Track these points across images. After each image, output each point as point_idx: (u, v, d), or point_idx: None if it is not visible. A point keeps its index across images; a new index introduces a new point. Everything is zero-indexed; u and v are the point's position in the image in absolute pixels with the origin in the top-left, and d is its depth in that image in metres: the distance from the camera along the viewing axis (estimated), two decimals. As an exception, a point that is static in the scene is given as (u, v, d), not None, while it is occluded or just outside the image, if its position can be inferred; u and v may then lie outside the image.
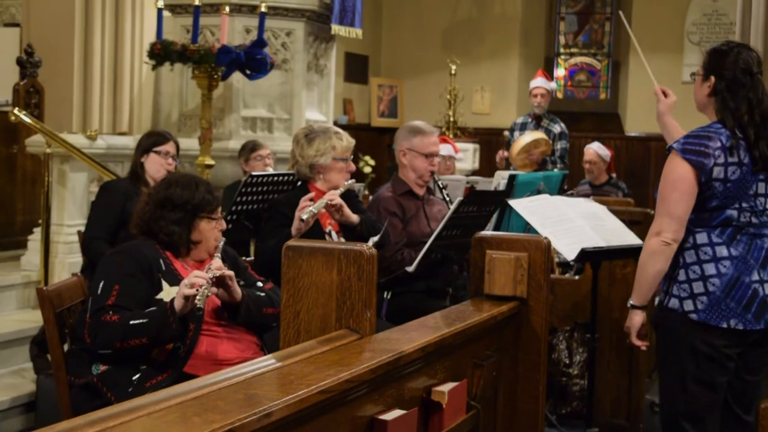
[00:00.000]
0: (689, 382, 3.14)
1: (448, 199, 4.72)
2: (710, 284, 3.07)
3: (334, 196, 3.86)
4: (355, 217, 3.93)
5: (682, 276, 3.13)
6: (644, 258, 3.18)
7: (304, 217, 3.73)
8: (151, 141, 4.68)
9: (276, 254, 2.49)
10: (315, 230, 3.86)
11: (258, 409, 1.68)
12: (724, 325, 3.07)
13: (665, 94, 3.56)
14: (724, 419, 3.23)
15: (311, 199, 3.85)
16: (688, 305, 3.10)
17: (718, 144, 3.05)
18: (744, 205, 3.09)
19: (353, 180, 4.14)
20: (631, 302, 3.28)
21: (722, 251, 3.08)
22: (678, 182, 3.09)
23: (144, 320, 3.00)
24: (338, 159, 4.06)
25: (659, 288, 3.25)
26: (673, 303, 3.14)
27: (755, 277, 3.08)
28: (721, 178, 3.05)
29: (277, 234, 3.81)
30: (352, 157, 4.16)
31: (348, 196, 4.06)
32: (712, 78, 3.16)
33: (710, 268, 3.08)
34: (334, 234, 4.01)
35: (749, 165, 3.07)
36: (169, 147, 4.66)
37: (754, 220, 3.11)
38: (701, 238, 3.11)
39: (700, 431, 3.16)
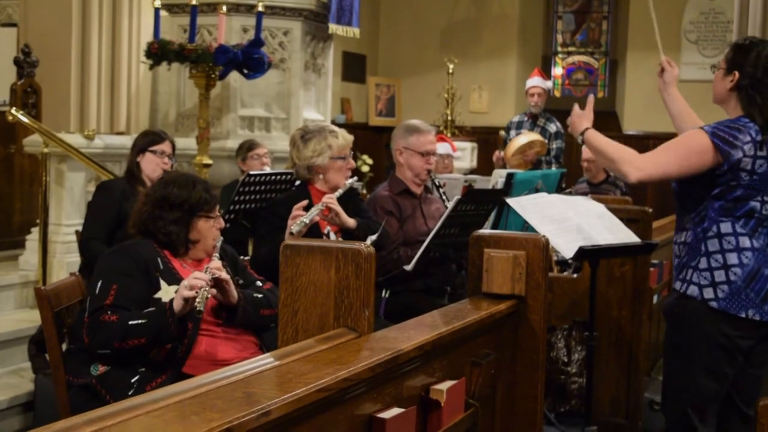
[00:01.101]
0: (697, 371, 3.17)
1: (444, 198, 4.72)
2: (732, 273, 3.11)
3: (331, 200, 3.84)
4: (351, 222, 3.91)
5: (703, 264, 3.15)
6: (616, 161, 3.22)
7: (294, 230, 3.71)
8: (147, 140, 4.67)
9: (270, 260, 2.49)
10: (313, 232, 3.85)
11: (256, 407, 1.68)
12: (743, 315, 3.10)
13: (671, 65, 3.60)
14: (726, 412, 3.25)
15: (305, 208, 3.82)
16: (708, 293, 3.13)
17: (748, 138, 3.09)
18: (766, 198, 3.13)
19: (354, 178, 4.12)
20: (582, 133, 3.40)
21: (745, 242, 3.12)
22: (692, 151, 3.10)
23: (143, 321, 2.99)
24: (336, 158, 4.04)
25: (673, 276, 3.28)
26: (692, 290, 3.16)
27: None
28: (748, 170, 3.09)
29: (271, 239, 3.80)
30: (351, 153, 4.15)
31: (349, 195, 4.05)
32: (736, 73, 3.18)
33: (733, 258, 3.12)
34: (332, 235, 3.99)
35: None
36: (165, 146, 4.66)
37: None
38: (725, 227, 3.14)
39: (703, 422, 3.18)
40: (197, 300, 2.96)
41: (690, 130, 3.23)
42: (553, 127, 7.75)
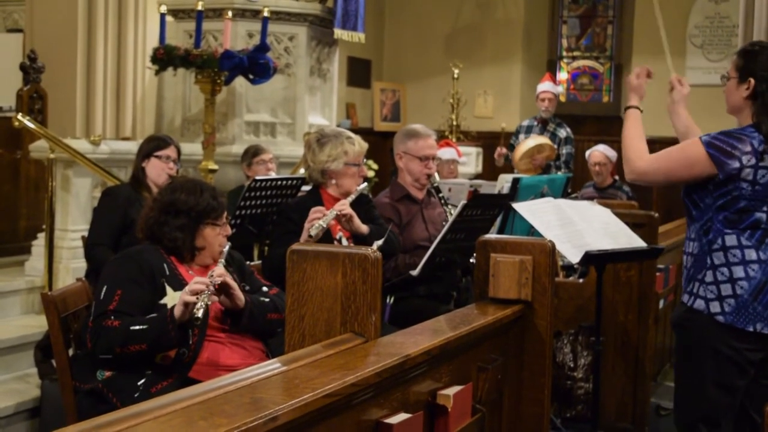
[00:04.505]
0: (709, 385, 3.13)
1: (443, 202, 4.72)
2: (738, 287, 3.06)
3: (344, 206, 3.84)
4: (364, 228, 3.91)
5: (709, 277, 3.11)
6: (630, 148, 3.29)
7: (313, 233, 3.70)
8: (152, 146, 4.68)
9: (283, 263, 2.48)
10: (325, 237, 3.84)
11: (264, 413, 1.68)
12: (750, 329, 3.06)
13: (681, 84, 3.56)
14: (739, 423, 3.21)
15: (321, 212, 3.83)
16: (715, 307, 3.09)
17: (749, 148, 3.04)
18: None
19: (365, 184, 4.11)
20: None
21: (751, 254, 3.07)
22: (682, 163, 3.11)
23: (144, 326, 2.99)
24: (350, 164, 4.04)
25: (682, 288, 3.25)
26: (699, 304, 3.12)
27: None
28: (750, 180, 3.04)
29: (285, 242, 3.79)
30: (365, 161, 4.14)
31: (361, 201, 4.04)
32: (751, 80, 3.11)
33: (739, 271, 3.07)
34: (344, 241, 3.98)
35: None
36: (170, 151, 4.66)
37: None
38: (730, 240, 3.09)
39: None
40: (197, 306, 2.95)
41: (688, 140, 3.20)
42: (563, 133, 7.74)
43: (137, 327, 2.99)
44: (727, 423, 3.17)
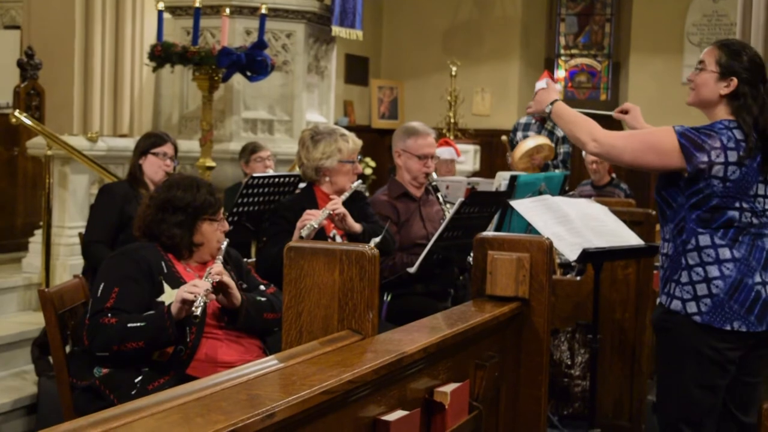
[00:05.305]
0: (690, 386, 3.12)
1: (441, 200, 4.72)
2: (714, 286, 3.05)
3: (336, 206, 3.84)
4: (357, 227, 3.91)
5: (684, 278, 3.10)
6: (579, 130, 3.23)
7: (304, 234, 3.70)
8: (149, 143, 4.67)
9: (277, 263, 2.49)
10: (319, 236, 3.84)
11: (261, 409, 1.68)
12: (728, 328, 3.04)
13: (626, 111, 3.58)
14: (722, 421, 3.21)
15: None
16: (692, 307, 3.08)
17: (718, 144, 3.02)
18: (744, 205, 3.06)
19: (359, 181, 4.11)
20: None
21: (725, 253, 3.06)
22: (654, 149, 3.09)
23: (141, 324, 2.99)
24: (344, 161, 4.04)
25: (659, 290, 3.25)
26: (676, 305, 3.11)
27: (758, 279, 3.06)
28: (720, 177, 3.02)
29: (279, 241, 3.79)
30: (359, 158, 4.14)
31: (356, 199, 4.04)
32: (735, 80, 3.09)
33: (713, 270, 3.05)
34: (338, 239, 3.98)
35: (756, 167, 3.05)
36: (167, 148, 4.65)
37: (754, 220, 3.08)
38: (704, 240, 3.07)
39: None
40: (195, 305, 2.95)
41: (664, 127, 3.15)
42: (560, 131, 7.73)
43: (134, 324, 2.98)
44: (711, 422, 3.17)
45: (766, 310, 3.06)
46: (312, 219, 3.75)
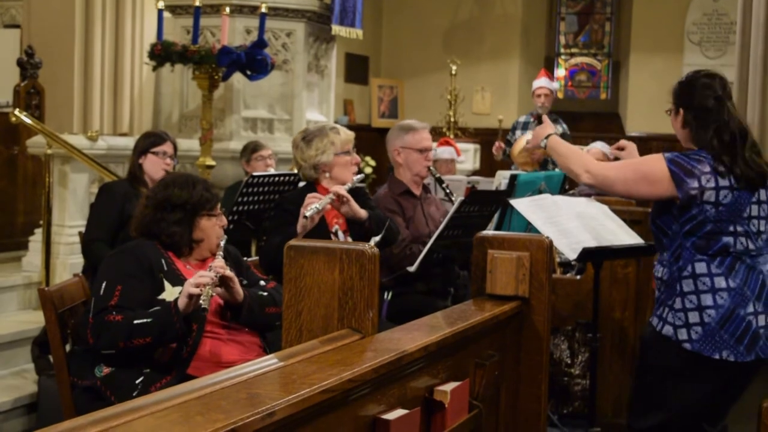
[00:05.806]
0: (670, 404, 3.15)
1: (448, 191, 4.72)
2: (706, 315, 3.06)
3: (340, 189, 3.84)
4: (363, 212, 3.90)
5: (678, 304, 3.12)
6: (572, 163, 3.30)
7: (308, 214, 3.71)
8: (149, 142, 4.67)
9: (280, 252, 2.49)
10: (321, 230, 3.84)
11: (261, 408, 1.68)
12: (717, 357, 3.06)
13: (622, 148, 3.60)
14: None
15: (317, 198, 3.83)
16: (682, 334, 3.09)
17: (707, 168, 3.06)
18: (739, 228, 3.07)
19: (361, 175, 4.11)
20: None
21: (721, 282, 3.07)
22: (645, 178, 3.13)
23: (148, 320, 3.00)
24: (340, 153, 4.04)
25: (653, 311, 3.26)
26: (667, 330, 3.13)
27: (750, 309, 3.07)
28: (713, 201, 3.04)
29: (282, 231, 3.79)
30: (355, 149, 4.14)
31: (356, 193, 4.04)
32: (681, 111, 3.18)
33: (707, 299, 3.07)
34: (340, 233, 3.98)
35: (738, 188, 3.07)
36: (167, 147, 4.65)
37: (750, 246, 3.09)
38: (700, 267, 3.09)
39: None
40: (202, 298, 2.97)
41: (654, 155, 3.21)
42: (559, 129, 7.73)
43: (141, 321, 2.99)
44: None
45: (756, 341, 3.07)
46: (316, 201, 3.75)
